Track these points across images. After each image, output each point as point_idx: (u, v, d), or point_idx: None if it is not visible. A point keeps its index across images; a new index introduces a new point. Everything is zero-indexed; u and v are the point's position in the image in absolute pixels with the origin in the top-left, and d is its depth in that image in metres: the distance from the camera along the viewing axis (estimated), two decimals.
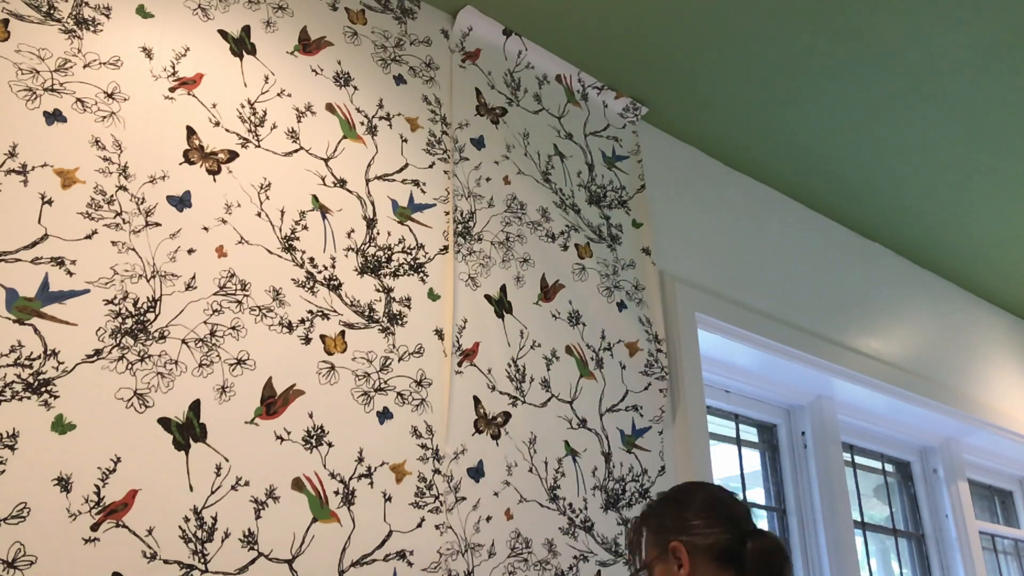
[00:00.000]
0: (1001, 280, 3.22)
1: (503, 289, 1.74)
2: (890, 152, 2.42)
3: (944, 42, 1.99)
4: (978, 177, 2.53)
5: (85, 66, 1.37)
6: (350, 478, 1.39)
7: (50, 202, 1.25)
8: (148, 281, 1.30)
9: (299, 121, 1.58)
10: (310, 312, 1.45)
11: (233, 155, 1.47)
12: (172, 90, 1.45)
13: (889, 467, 2.95)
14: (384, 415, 1.47)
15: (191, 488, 1.23)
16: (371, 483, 1.41)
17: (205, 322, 1.33)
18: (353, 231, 1.57)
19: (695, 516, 1.25)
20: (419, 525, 1.43)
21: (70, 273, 1.24)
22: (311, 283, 1.48)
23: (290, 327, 1.42)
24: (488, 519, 1.52)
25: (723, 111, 2.25)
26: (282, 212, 1.49)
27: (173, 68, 1.46)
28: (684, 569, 1.22)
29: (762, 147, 2.40)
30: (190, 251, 1.36)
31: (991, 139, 2.34)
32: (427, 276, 1.63)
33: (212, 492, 1.25)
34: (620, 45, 2.02)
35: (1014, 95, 2.17)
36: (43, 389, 1.16)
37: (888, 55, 2.04)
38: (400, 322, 1.56)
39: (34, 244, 1.22)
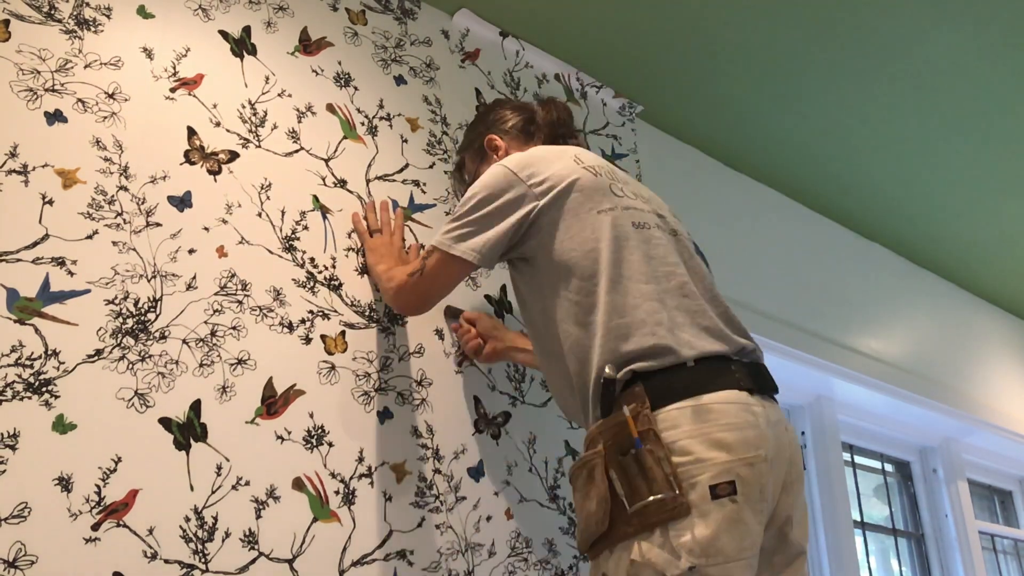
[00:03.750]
0: (1001, 280, 3.22)
1: (503, 289, 1.74)
2: (890, 152, 2.42)
3: (944, 42, 1.99)
4: (978, 177, 2.53)
5: (86, 66, 1.37)
6: (350, 478, 1.39)
7: (51, 202, 1.26)
8: (149, 281, 1.31)
9: (300, 121, 1.58)
10: (311, 312, 1.46)
11: (234, 155, 1.48)
12: (173, 90, 1.45)
13: (889, 467, 2.95)
14: (384, 415, 1.47)
15: (192, 488, 1.23)
16: (371, 483, 1.41)
17: (206, 322, 1.34)
18: (354, 231, 1.57)
19: (494, 114, 1.49)
20: (419, 525, 1.44)
21: (71, 273, 1.24)
22: (312, 283, 1.48)
23: (291, 327, 1.42)
24: (488, 519, 1.53)
25: (723, 111, 2.25)
26: (283, 212, 1.49)
27: (174, 68, 1.46)
28: (502, 151, 1.44)
29: (762, 147, 2.40)
30: (191, 251, 1.36)
31: (991, 139, 2.35)
32: None
33: (213, 492, 1.25)
34: (619, 45, 2.03)
35: (1014, 95, 2.17)
36: (44, 389, 1.16)
37: (887, 55, 2.04)
38: (400, 322, 1.56)
39: (35, 244, 1.22)
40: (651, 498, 1.03)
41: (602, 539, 1.08)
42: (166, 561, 1.17)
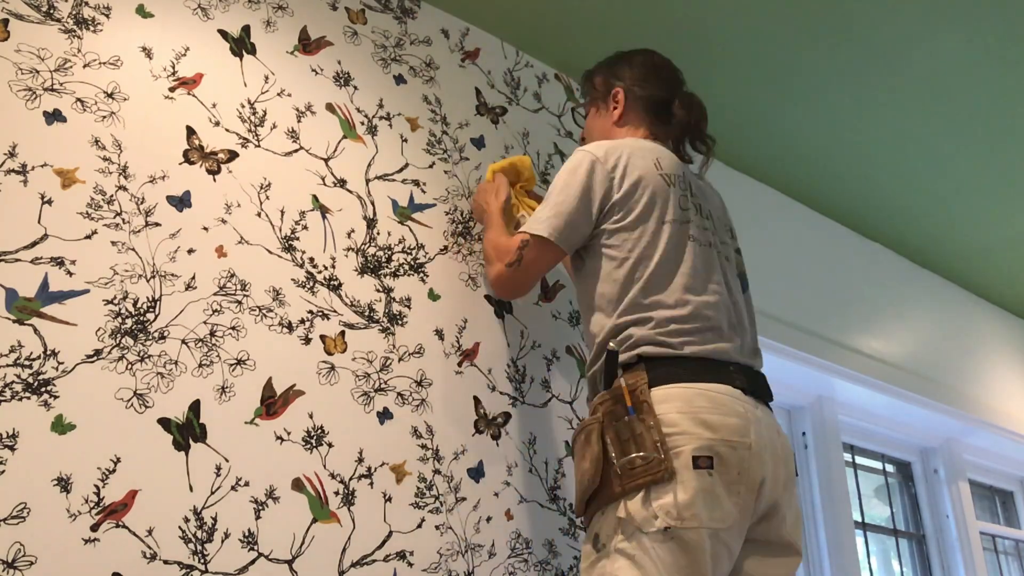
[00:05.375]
0: (1001, 280, 3.22)
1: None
2: (890, 152, 2.41)
3: (944, 42, 1.99)
4: (980, 177, 2.53)
5: (85, 66, 1.37)
6: (350, 478, 1.39)
7: (50, 202, 1.25)
8: (148, 281, 1.30)
9: (299, 121, 1.58)
10: (310, 312, 1.45)
11: (233, 155, 1.47)
12: (172, 90, 1.45)
13: (890, 467, 2.95)
14: (384, 415, 1.47)
15: (191, 488, 1.23)
16: (371, 483, 1.40)
17: (205, 322, 1.33)
18: (353, 231, 1.57)
19: (637, 71, 1.47)
20: (419, 525, 1.43)
21: (70, 273, 1.24)
22: (311, 283, 1.47)
23: (290, 327, 1.42)
24: (488, 519, 1.52)
25: (724, 111, 2.25)
26: (282, 212, 1.49)
27: (173, 68, 1.46)
28: (618, 111, 1.47)
29: (762, 147, 2.40)
30: (190, 251, 1.36)
31: (991, 139, 2.34)
32: (427, 276, 1.63)
33: (212, 492, 1.25)
34: (618, 47, 2.02)
35: (1014, 95, 2.16)
36: (43, 389, 1.16)
37: (888, 55, 2.03)
38: (400, 322, 1.56)
39: (34, 244, 1.22)
40: (635, 455, 1.13)
41: (594, 499, 1.19)
42: (165, 562, 1.17)
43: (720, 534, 1.12)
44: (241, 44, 1.57)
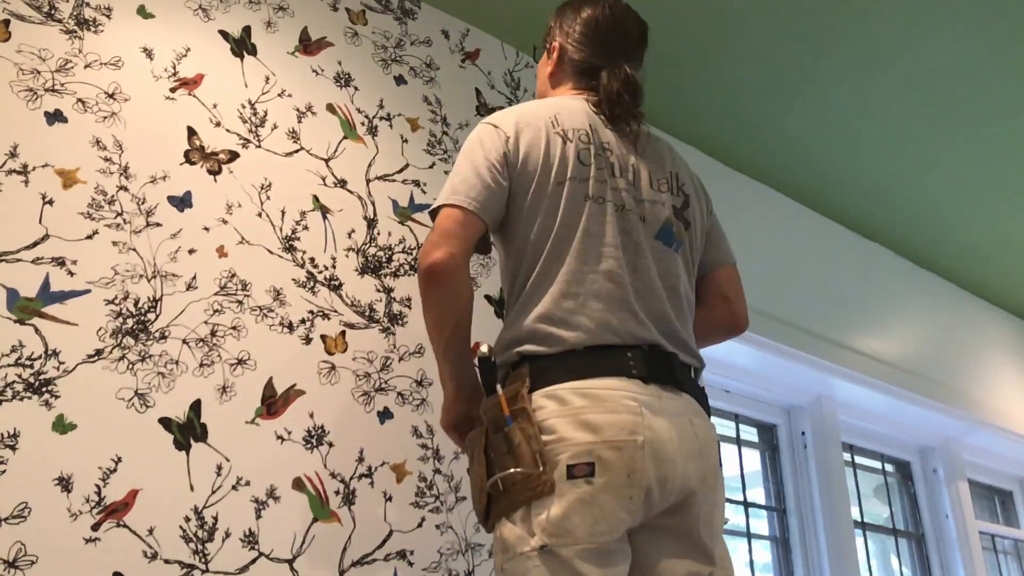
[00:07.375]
0: (1001, 280, 3.22)
1: (503, 289, 1.74)
2: (891, 152, 2.42)
3: (945, 44, 1.99)
4: (978, 177, 2.53)
5: (86, 66, 1.37)
6: (350, 478, 1.39)
7: (51, 202, 1.26)
8: (149, 281, 1.31)
9: (300, 121, 1.58)
10: (311, 312, 1.45)
11: (234, 155, 1.48)
12: (173, 90, 1.45)
13: (889, 467, 2.95)
14: (385, 415, 1.47)
15: (192, 488, 1.23)
16: (371, 483, 1.41)
17: (206, 322, 1.34)
18: (354, 231, 1.57)
19: (578, 28, 1.32)
20: (419, 525, 1.44)
21: (71, 273, 1.24)
22: (312, 283, 1.48)
23: (291, 327, 1.42)
24: None
25: (723, 111, 2.25)
26: (283, 212, 1.49)
27: (174, 68, 1.46)
28: (550, 67, 1.34)
29: (762, 147, 2.40)
30: (191, 251, 1.36)
31: (991, 140, 2.35)
32: None
33: (213, 492, 1.25)
34: None
35: (1014, 96, 2.17)
36: (44, 389, 1.16)
37: (888, 56, 2.04)
38: (400, 322, 1.56)
39: (35, 244, 1.22)
40: (512, 471, 1.02)
41: (488, 516, 1.09)
42: (166, 561, 1.17)
43: (608, 546, 1.01)
44: (242, 45, 1.57)
